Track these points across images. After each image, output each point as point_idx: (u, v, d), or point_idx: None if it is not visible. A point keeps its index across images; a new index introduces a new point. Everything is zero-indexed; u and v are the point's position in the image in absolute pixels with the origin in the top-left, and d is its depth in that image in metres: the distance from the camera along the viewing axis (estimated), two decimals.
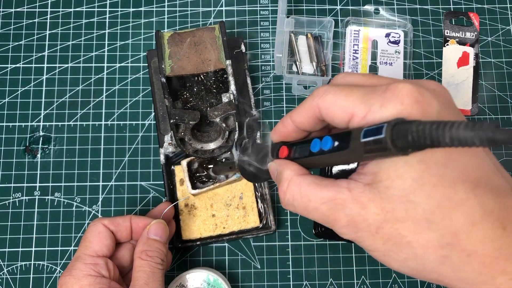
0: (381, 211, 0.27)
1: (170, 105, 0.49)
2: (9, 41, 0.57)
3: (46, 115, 0.55)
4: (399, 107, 0.26)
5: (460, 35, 0.59)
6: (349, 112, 0.28)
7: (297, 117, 0.32)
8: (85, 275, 0.41)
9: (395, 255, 0.28)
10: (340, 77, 0.32)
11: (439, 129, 0.22)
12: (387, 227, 0.27)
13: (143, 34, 0.58)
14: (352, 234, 0.29)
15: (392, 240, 0.27)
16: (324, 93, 0.30)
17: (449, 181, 0.26)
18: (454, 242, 0.26)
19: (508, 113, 0.56)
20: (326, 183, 0.30)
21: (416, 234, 0.27)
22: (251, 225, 0.51)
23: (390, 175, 0.27)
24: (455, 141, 0.21)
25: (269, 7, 0.59)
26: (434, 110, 0.26)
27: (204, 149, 0.50)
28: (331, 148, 0.29)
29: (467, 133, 0.21)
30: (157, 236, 0.44)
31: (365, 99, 0.28)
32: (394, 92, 0.27)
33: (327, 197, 0.29)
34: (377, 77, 0.31)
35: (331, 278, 0.51)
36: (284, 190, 0.31)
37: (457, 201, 0.26)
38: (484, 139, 0.20)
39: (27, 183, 0.53)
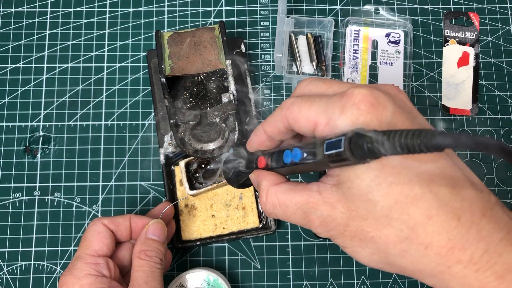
0: (347, 210, 0.29)
1: (170, 105, 0.49)
2: (9, 41, 0.57)
3: (46, 115, 0.55)
4: (356, 112, 0.28)
5: (460, 35, 0.59)
6: (313, 121, 0.30)
7: (268, 128, 0.34)
8: (85, 274, 0.41)
9: (362, 250, 0.30)
10: (302, 86, 0.34)
11: (390, 140, 0.24)
12: (353, 224, 0.29)
13: (143, 34, 0.58)
14: (326, 233, 0.31)
15: (358, 236, 0.29)
16: (291, 104, 0.32)
17: (405, 178, 0.27)
18: (412, 236, 0.27)
19: (508, 113, 0.56)
20: (299, 188, 0.32)
21: (377, 230, 0.28)
22: (250, 225, 0.51)
23: (350, 176, 0.29)
24: (405, 149, 0.23)
25: (269, 7, 0.59)
26: (389, 113, 0.28)
27: (204, 149, 0.50)
28: (301, 159, 0.31)
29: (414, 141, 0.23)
30: (155, 236, 0.44)
31: (325, 108, 0.29)
32: (350, 98, 0.28)
33: (300, 202, 0.31)
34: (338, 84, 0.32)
35: (331, 278, 0.51)
36: (264, 201, 0.34)
37: (413, 196, 0.27)
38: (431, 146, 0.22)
39: (27, 183, 0.53)
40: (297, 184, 0.33)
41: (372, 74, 0.57)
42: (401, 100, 0.30)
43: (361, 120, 0.28)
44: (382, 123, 0.28)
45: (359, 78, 0.57)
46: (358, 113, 0.28)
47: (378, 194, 0.28)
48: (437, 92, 0.57)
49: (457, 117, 0.56)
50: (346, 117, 0.28)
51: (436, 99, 0.56)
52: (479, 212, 0.27)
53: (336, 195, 0.30)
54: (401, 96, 0.31)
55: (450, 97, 0.57)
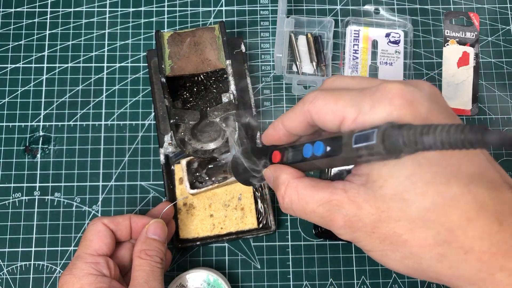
0: (376, 210, 0.27)
1: (170, 105, 0.49)
2: (9, 41, 0.57)
3: (46, 115, 0.55)
4: (389, 108, 0.26)
5: (460, 35, 0.59)
6: (340, 115, 0.28)
7: (288, 122, 0.32)
8: (85, 274, 0.41)
9: (392, 254, 0.28)
10: (329, 82, 0.32)
11: (430, 133, 0.22)
12: (383, 226, 0.27)
13: (143, 34, 0.58)
14: (349, 234, 0.29)
15: (389, 239, 0.27)
16: (314, 98, 0.30)
17: (442, 177, 0.26)
18: (451, 239, 0.25)
19: (508, 113, 0.56)
20: (322, 185, 0.30)
21: (411, 232, 0.26)
22: (248, 226, 0.51)
23: (382, 175, 0.27)
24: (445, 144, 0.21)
25: (269, 7, 0.59)
26: (424, 109, 0.26)
27: (204, 149, 0.50)
28: (323, 153, 0.29)
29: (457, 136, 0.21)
30: (155, 235, 0.44)
31: (355, 102, 0.28)
32: (383, 93, 0.27)
33: (323, 199, 0.29)
34: (368, 79, 0.31)
35: (331, 278, 0.51)
36: (282, 194, 0.32)
37: (451, 197, 0.25)
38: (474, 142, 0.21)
39: (27, 183, 0.53)
40: (319, 181, 0.31)
41: (372, 74, 0.57)
42: (437, 96, 0.29)
43: (394, 115, 0.26)
44: (417, 119, 0.26)
45: None
46: (391, 108, 0.26)
47: (414, 193, 0.26)
48: None
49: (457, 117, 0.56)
50: (378, 111, 0.26)
51: None
52: None
53: (364, 194, 0.28)
54: (436, 92, 0.29)
55: (450, 97, 0.57)
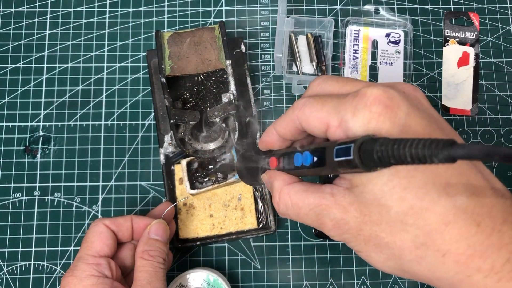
0: (360, 214, 0.28)
1: (170, 105, 0.49)
2: (9, 41, 0.57)
3: (46, 115, 0.55)
4: (368, 115, 0.27)
5: (460, 35, 0.59)
6: (324, 122, 0.29)
7: (280, 129, 0.34)
8: (87, 275, 0.41)
9: (376, 255, 0.29)
10: (315, 85, 0.33)
11: (400, 149, 0.23)
12: (367, 229, 0.28)
13: (143, 34, 0.58)
14: (339, 236, 0.30)
15: (372, 241, 0.28)
16: (303, 105, 0.31)
17: (420, 182, 0.26)
18: (428, 242, 0.26)
19: (508, 113, 0.56)
20: (312, 190, 0.31)
21: (392, 235, 0.27)
22: (248, 226, 0.51)
23: (362, 180, 0.28)
24: (415, 159, 0.22)
25: (269, 7, 0.59)
26: (403, 113, 0.27)
27: (204, 149, 0.50)
28: (311, 163, 0.31)
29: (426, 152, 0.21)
30: (158, 236, 0.44)
31: (337, 110, 0.29)
32: (362, 99, 0.27)
33: (313, 203, 0.31)
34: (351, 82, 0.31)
35: (331, 278, 0.51)
36: (277, 201, 0.33)
37: (429, 201, 0.26)
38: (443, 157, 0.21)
39: (27, 183, 0.53)
40: (310, 185, 0.32)
41: (372, 74, 0.57)
42: (417, 98, 0.29)
43: (373, 123, 0.27)
44: (395, 124, 0.27)
45: (359, 78, 0.57)
46: (370, 116, 0.27)
47: (391, 198, 0.27)
48: (437, 92, 0.57)
49: (457, 117, 0.56)
50: (358, 119, 0.27)
51: (436, 99, 0.56)
52: (500, 218, 0.25)
53: (349, 198, 0.29)
54: (417, 94, 0.30)
55: (450, 97, 0.57)
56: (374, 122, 0.27)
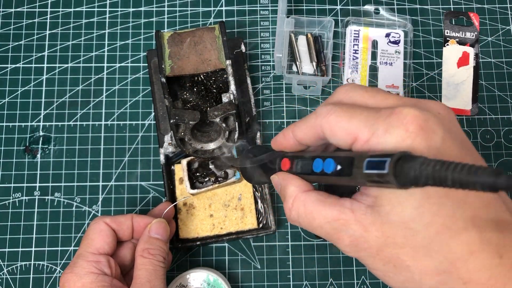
0: (382, 234, 0.28)
1: (170, 105, 0.49)
2: (9, 41, 0.57)
3: (46, 115, 0.55)
4: (404, 134, 0.26)
5: (460, 35, 0.59)
6: (352, 135, 0.28)
7: (299, 133, 0.33)
8: (87, 272, 0.41)
9: (394, 276, 0.29)
10: (342, 92, 0.32)
11: (442, 171, 0.22)
12: (387, 250, 0.28)
13: (143, 34, 0.58)
14: (354, 253, 0.30)
15: (392, 263, 0.28)
16: (328, 113, 0.30)
17: (449, 210, 0.26)
18: (452, 270, 0.26)
19: (508, 113, 0.56)
20: (330, 202, 0.30)
21: (415, 260, 0.27)
22: (248, 226, 0.51)
23: (390, 201, 0.27)
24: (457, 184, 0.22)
25: (269, 7, 0.59)
26: (438, 138, 0.27)
27: (204, 149, 0.50)
28: (333, 171, 0.29)
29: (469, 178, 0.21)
30: (158, 234, 0.44)
31: (369, 123, 0.28)
32: (399, 117, 0.27)
33: (330, 217, 0.30)
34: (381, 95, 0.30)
35: (331, 278, 0.51)
36: (290, 207, 0.32)
37: (456, 230, 0.26)
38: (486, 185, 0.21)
39: (27, 183, 0.53)
40: (327, 196, 0.31)
41: (372, 74, 0.57)
42: (451, 122, 0.29)
43: (408, 142, 0.26)
44: (430, 148, 0.26)
45: (359, 78, 0.57)
46: (405, 135, 0.26)
47: (420, 223, 0.26)
48: (437, 92, 0.57)
49: (457, 117, 0.56)
50: (391, 136, 0.27)
51: (436, 99, 0.56)
52: None
53: (371, 217, 0.28)
54: (451, 117, 0.29)
55: (450, 97, 0.57)
56: (409, 141, 0.26)
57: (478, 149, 0.55)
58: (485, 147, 0.55)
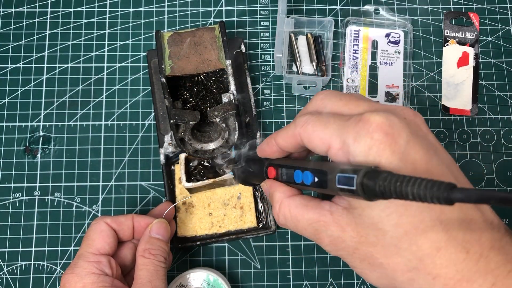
0: (356, 234, 0.30)
1: (170, 105, 0.49)
2: (9, 41, 0.57)
3: (46, 115, 0.55)
4: (370, 142, 0.28)
5: (460, 35, 0.59)
6: (326, 143, 0.30)
7: (281, 141, 0.35)
8: (87, 273, 0.41)
9: (370, 273, 0.31)
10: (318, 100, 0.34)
11: (403, 186, 0.24)
12: (362, 249, 0.30)
13: (143, 34, 0.58)
14: (334, 252, 0.32)
15: (367, 260, 0.30)
16: (305, 123, 0.32)
17: (415, 211, 0.28)
18: (420, 266, 0.28)
19: (508, 113, 0.56)
20: (311, 205, 0.33)
21: (386, 257, 0.29)
22: (247, 225, 0.51)
23: (361, 204, 0.29)
24: (416, 198, 0.23)
25: (269, 7, 0.59)
26: (403, 140, 0.28)
27: (204, 149, 0.50)
28: (312, 182, 0.32)
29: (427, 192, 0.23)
30: (159, 235, 0.44)
31: (340, 132, 0.30)
32: (365, 125, 0.29)
33: (312, 219, 0.32)
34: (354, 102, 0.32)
35: (331, 278, 0.51)
36: (277, 212, 0.35)
37: (423, 228, 0.27)
38: (442, 199, 0.22)
39: (27, 183, 0.53)
40: (310, 199, 0.33)
41: (372, 74, 0.57)
42: (417, 125, 0.31)
43: (374, 150, 0.28)
44: (395, 152, 0.28)
45: (359, 78, 0.57)
46: (371, 143, 0.28)
47: (388, 224, 0.28)
48: (437, 92, 0.57)
49: (457, 117, 0.56)
50: (359, 145, 0.28)
51: (436, 99, 0.57)
52: (488, 244, 0.27)
53: (347, 218, 0.30)
54: (417, 120, 0.31)
55: (450, 97, 0.57)
56: (375, 149, 0.28)
57: (478, 149, 0.55)
58: (485, 147, 0.55)
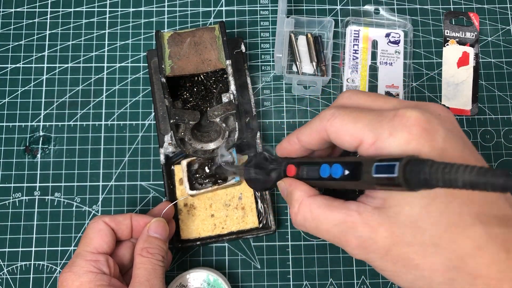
0: (391, 235, 0.28)
1: (170, 105, 0.49)
2: (9, 41, 0.57)
3: (46, 115, 0.55)
4: (408, 136, 0.27)
5: (460, 35, 0.59)
6: (358, 138, 0.29)
7: (304, 138, 0.33)
8: (85, 271, 0.41)
9: (404, 275, 0.29)
10: (345, 97, 0.32)
11: (452, 173, 0.22)
12: (396, 250, 0.28)
13: (143, 34, 0.58)
14: (363, 255, 0.30)
15: (401, 262, 0.28)
16: (332, 116, 0.30)
17: (455, 208, 0.27)
18: (461, 265, 0.27)
19: (508, 113, 0.56)
20: (336, 205, 0.31)
21: (424, 257, 0.28)
22: (249, 225, 0.51)
23: (399, 202, 0.28)
24: (467, 185, 0.22)
25: (269, 7, 0.59)
26: (441, 138, 0.27)
27: (204, 149, 0.50)
28: (341, 176, 0.29)
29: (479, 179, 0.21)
30: (157, 233, 0.44)
31: (373, 127, 0.28)
32: (402, 120, 0.27)
33: (337, 220, 0.30)
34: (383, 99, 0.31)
35: (331, 278, 0.51)
36: (296, 211, 0.33)
37: (463, 226, 0.27)
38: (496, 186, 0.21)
39: (27, 183, 0.53)
40: (333, 200, 0.32)
41: (372, 74, 0.57)
42: (451, 123, 0.30)
43: (412, 145, 0.27)
44: (434, 148, 0.27)
45: (359, 78, 0.57)
46: (409, 137, 0.27)
47: (428, 221, 0.27)
48: (437, 92, 0.57)
49: (457, 117, 0.56)
50: (395, 139, 0.27)
51: (436, 99, 0.56)
52: None
53: (379, 218, 0.29)
54: (451, 118, 0.30)
55: (450, 97, 0.57)
56: (413, 143, 0.27)
57: (478, 149, 0.55)
58: (485, 147, 0.55)
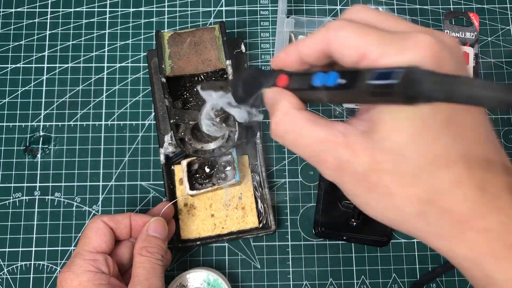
0: (371, 160, 0.27)
1: (170, 105, 0.49)
2: (9, 41, 0.57)
3: (46, 115, 0.55)
4: (416, 57, 0.25)
5: (460, 35, 0.59)
6: (361, 52, 0.27)
7: (305, 48, 0.31)
8: (84, 271, 0.41)
9: (375, 204, 0.28)
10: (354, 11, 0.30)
11: (456, 84, 0.21)
12: (374, 176, 0.27)
13: (143, 34, 0.58)
14: (337, 177, 0.29)
15: (376, 190, 0.27)
16: (339, 27, 0.28)
17: (444, 143, 0.26)
18: (435, 199, 0.26)
19: (508, 113, 0.56)
20: (321, 122, 0.29)
21: (400, 187, 0.27)
22: (249, 225, 0.51)
23: (389, 127, 0.27)
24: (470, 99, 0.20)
25: (269, 7, 0.59)
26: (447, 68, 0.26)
27: (204, 149, 0.51)
28: (335, 85, 0.27)
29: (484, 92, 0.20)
30: (156, 233, 0.44)
31: (381, 42, 0.27)
32: (415, 41, 0.26)
33: (319, 137, 0.29)
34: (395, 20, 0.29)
35: (331, 278, 0.51)
36: (277, 121, 0.31)
37: (446, 162, 0.26)
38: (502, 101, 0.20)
39: (27, 183, 0.53)
40: (319, 117, 0.29)
41: None
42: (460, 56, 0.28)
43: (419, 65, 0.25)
44: None
45: None
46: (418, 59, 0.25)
47: (414, 151, 0.26)
48: None
49: None
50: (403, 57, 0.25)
51: None
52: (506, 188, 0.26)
53: (363, 142, 0.27)
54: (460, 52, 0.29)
55: None
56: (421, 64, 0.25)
57: None
58: None
